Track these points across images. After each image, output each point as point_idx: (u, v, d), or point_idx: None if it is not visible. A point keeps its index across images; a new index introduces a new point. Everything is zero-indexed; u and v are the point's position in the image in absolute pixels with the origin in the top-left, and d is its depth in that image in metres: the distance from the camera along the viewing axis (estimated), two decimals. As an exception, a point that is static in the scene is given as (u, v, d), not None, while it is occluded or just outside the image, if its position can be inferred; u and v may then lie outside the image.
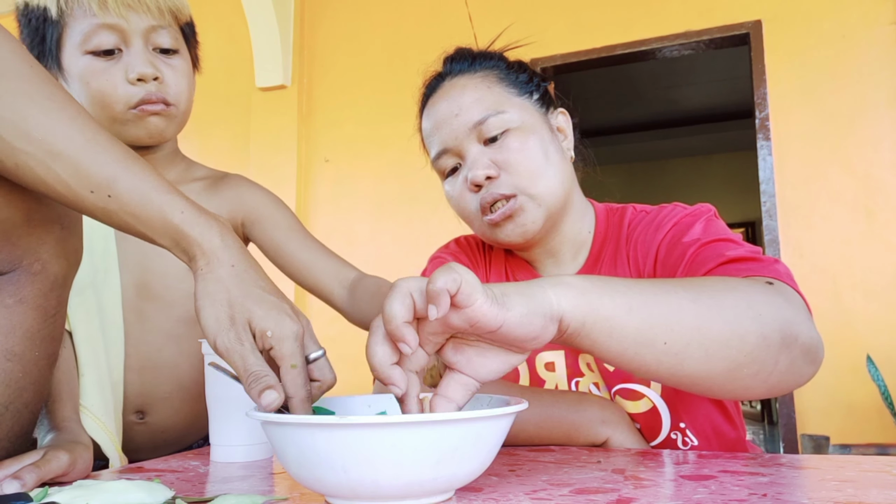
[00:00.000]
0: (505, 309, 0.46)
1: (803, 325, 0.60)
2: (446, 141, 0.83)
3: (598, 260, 0.86)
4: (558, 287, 0.50)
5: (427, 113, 0.87)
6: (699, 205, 0.82)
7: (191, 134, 3.94)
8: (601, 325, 0.52)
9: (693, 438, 0.79)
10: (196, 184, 0.98)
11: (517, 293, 0.48)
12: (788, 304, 0.60)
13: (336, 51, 3.73)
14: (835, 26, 2.85)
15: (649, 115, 6.10)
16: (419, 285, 0.46)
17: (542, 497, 0.50)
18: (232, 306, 0.50)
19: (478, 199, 0.81)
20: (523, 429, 0.74)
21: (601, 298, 0.52)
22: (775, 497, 0.48)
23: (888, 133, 2.75)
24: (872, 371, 2.51)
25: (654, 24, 3.12)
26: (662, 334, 0.54)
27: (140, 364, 0.91)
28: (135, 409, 0.92)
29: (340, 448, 0.44)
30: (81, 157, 0.50)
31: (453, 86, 0.85)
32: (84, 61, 0.85)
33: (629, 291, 0.54)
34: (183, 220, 0.52)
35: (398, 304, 0.45)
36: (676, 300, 0.55)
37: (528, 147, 0.81)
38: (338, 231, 3.58)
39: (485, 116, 0.81)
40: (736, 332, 0.56)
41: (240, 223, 0.98)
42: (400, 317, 0.45)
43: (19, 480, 0.56)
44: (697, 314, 0.55)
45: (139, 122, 0.87)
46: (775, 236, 2.85)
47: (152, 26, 0.87)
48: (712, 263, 0.70)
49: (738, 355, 0.56)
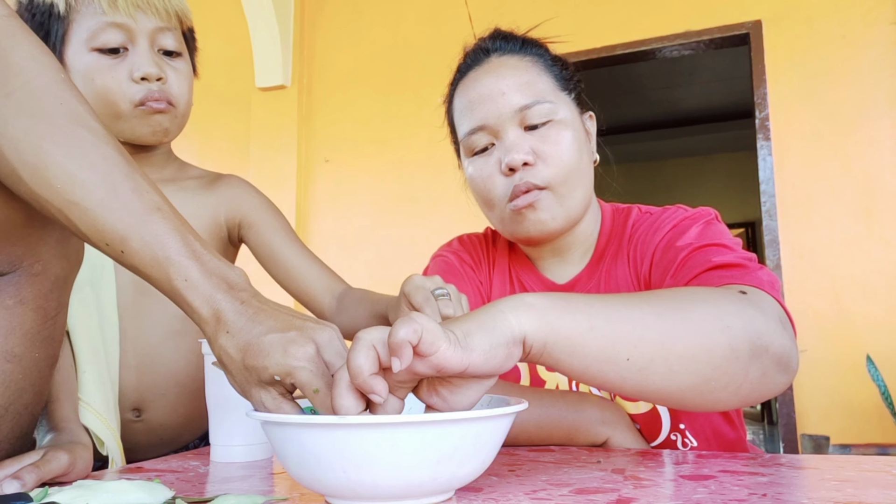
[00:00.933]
0: (469, 350, 0.46)
1: (774, 335, 0.58)
2: (486, 118, 0.81)
3: (600, 260, 0.86)
4: (518, 310, 0.50)
5: (466, 86, 0.85)
6: (701, 208, 0.82)
7: (191, 134, 3.95)
8: (562, 343, 0.51)
9: (692, 440, 0.79)
10: (191, 182, 0.99)
11: (478, 328, 0.47)
12: (760, 313, 0.59)
13: (336, 51, 3.73)
14: (835, 26, 2.85)
15: (649, 115, 6.10)
16: (381, 336, 0.45)
17: (541, 497, 0.50)
18: (246, 369, 0.50)
19: (509, 184, 0.80)
20: (523, 429, 0.74)
21: (562, 318, 0.51)
22: (775, 497, 0.48)
23: (888, 133, 2.75)
24: (872, 371, 2.51)
25: (654, 24, 3.12)
26: (625, 351, 0.53)
27: (137, 361, 0.91)
28: (131, 407, 0.92)
29: (340, 448, 0.44)
30: (98, 211, 0.50)
31: (502, 64, 0.83)
32: (89, 58, 0.86)
33: (591, 309, 0.53)
34: (186, 287, 0.52)
35: (362, 357, 0.44)
36: (640, 316, 0.54)
37: (566, 142, 0.80)
38: (338, 231, 3.57)
39: (532, 102, 0.80)
40: (703, 346, 0.55)
41: (237, 224, 0.98)
42: (366, 370, 0.44)
43: (19, 480, 0.56)
44: (662, 329, 0.54)
45: (143, 120, 0.88)
46: (775, 236, 2.85)
47: (159, 28, 0.88)
48: (698, 269, 0.69)
49: (706, 369, 0.55)
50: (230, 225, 0.98)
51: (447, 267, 0.92)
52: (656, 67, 4.97)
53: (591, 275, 0.87)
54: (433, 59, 3.53)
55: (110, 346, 0.88)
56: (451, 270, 0.92)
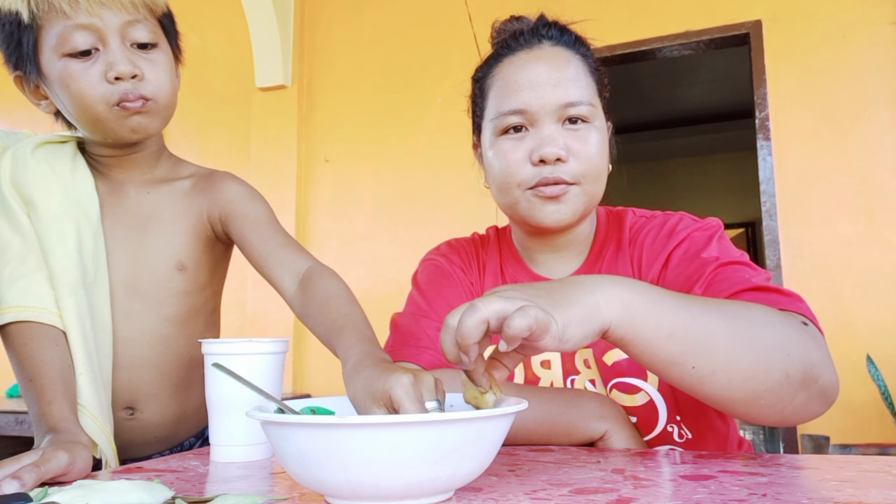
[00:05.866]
0: (564, 342, 0.52)
1: (825, 369, 0.63)
2: (530, 103, 0.81)
3: (598, 259, 0.88)
4: (611, 302, 0.55)
5: (514, 65, 0.83)
6: (709, 219, 0.84)
7: (191, 134, 3.95)
8: (640, 343, 0.57)
9: (688, 432, 0.80)
10: (183, 182, 0.98)
11: (576, 320, 0.53)
12: (817, 347, 0.64)
13: (336, 51, 3.72)
14: (835, 26, 2.85)
15: (649, 115, 6.10)
16: (497, 311, 0.50)
17: (541, 497, 0.50)
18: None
19: (535, 173, 0.80)
20: (521, 428, 0.74)
21: (647, 321, 0.56)
22: (775, 497, 0.48)
23: (888, 133, 2.75)
24: (872, 371, 2.51)
25: (654, 24, 3.12)
26: (693, 360, 0.58)
27: (129, 362, 0.91)
28: (125, 405, 0.92)
29: (340, 448, 0.44)
30: None
31: (556, 55, 0.83)
32: (61, 65, 0.83)
33: (674, 316, 0.57)
34: None
35: (475, 329, 0.50)
36: (713, 329, 0.58)
37: (598, 146, 0.82)
38: (338, 231, 3.57)
39: (578, 101, 0.80)
40: (762, 368, 0.59)
41: (217, 219, 0.96)
42: (473, 338, 0.50)
43: (19, 480, 0.56)
44: (731, 347, 0.58)
45: (121, 121, 0.85)
46: (775, 236, 2.84)
47: (128, 21, 0.84)
48: (738, 287, 0.71)
49: (760, 388, 0.60)
50: (212, 220, 0.96)
51: (437, 270, 0.93)
52: (656, 67, 4.96)
53: (587, 272, 0.88)
54: (433, 60, 3.53)
55: (104, 348, 0.88)
56: (442, 273, 0.93)
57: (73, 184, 0.90)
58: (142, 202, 0.95)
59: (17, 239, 0.85)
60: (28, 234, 0.85)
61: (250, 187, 1.00)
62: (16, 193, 0.87)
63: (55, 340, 0.82)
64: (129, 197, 0.94)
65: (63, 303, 0.83)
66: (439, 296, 0.90)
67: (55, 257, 0.84)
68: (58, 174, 0.89)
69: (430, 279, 0.93)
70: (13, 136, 0.94)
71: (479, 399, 0.56)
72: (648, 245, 0.83)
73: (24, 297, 0.82)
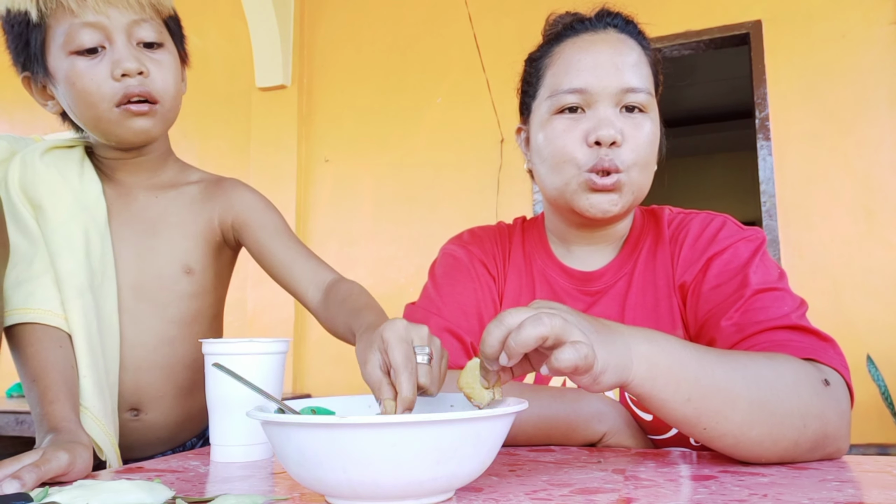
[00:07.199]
0: (597, 384, 0.55)
1: (839, 435, 0.64)
2: (592, 84, 0.80)
3: (633, 253, 0.87)
4: (640, 360, 0.57)
5: (577, 45, 0.83)
6: (754, 229, 0.83)
7: (191, 134, 3.94)
8: (655, 402, 0.59)
9: None
10: (191, 188, 0.98)
11: (613, 368, 0.55)
12: (838, 416, 0.64)
13: (336, 51, 3.72)
14: (835, 26, 2.85)
15: (649, 115, 6.09)
16: (558, 334, 0.52)
17: (542, 497, 0.50)
18: None
19: (591, 155, 0.79)
20: (522, 427, 0.74)
21: (668, 383, 0.58)
22: (775, 497, 0.48)
23: (888, 133, 2.74)
24: (872, 371, 2.51)
25: (654, 24, 3.10)
26: (706, 422, 0.59)
27: (135, 364, 0.91)
28: (129, 407, 0.92)
29: (340, 448, 0.44)
30: None
31: (622, 41, 0.83)
32: (69, 62, 0.84)
33: (697, 381, 0.58)
34: None
35: (533, 341, 0.51)
36: (733, 397, 0.59)
37: (651, 136, 0.82)
38: (338, 231, 3.57)
39: (639, 87, 0.81)
40: (773, 438, 0.60)
41: (229, 226, 0.97)
42: (528, 348, 0.52)
43: (19, 480, 0.56)
44: (746, 415, 0.59)
45: (124, 122, 0.86)
46: (775, 236, 2.84)
47: (134, 20, 0.85)
48: (775, 323, 0.71)
49: (765, 453, 0.61)
50: (223, 227, 0.97)
51: (455, 264, 0.92)
52: (656, 67, 4.96)
53: (621, 266, 0.87)
54: (433, 59, 3.53)
55: (110, 351, 0.88)
56: (459, 267, 0.91)
57: (80, 188, 0.90)
58: (149, 206, 0.95)
59: (24, 242, 0.85)
60: (35, 237, 0.86)
61: (262, 195, 1.01)
62: (24, 198, 0.87)
63: (59, 342, 0.82)
64: (137, 201, 0.95)
65: (69, 305, 0.83)
66: (452, 295, 0.89)
67: (63, 261, 0.85)
68: (66, 178, 0.89)
69: (446, 273, 0.91)
70: (22, 141, 0.94)
71: (475, 391, 0.56)
72: (689, 245, 0.83)
73: (29, 300, 0.83)
